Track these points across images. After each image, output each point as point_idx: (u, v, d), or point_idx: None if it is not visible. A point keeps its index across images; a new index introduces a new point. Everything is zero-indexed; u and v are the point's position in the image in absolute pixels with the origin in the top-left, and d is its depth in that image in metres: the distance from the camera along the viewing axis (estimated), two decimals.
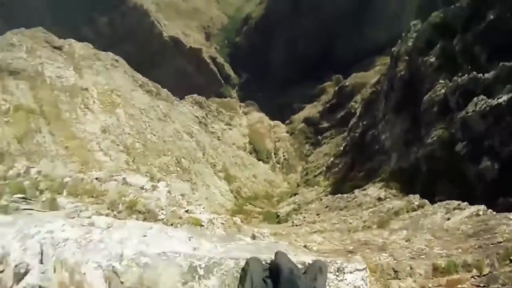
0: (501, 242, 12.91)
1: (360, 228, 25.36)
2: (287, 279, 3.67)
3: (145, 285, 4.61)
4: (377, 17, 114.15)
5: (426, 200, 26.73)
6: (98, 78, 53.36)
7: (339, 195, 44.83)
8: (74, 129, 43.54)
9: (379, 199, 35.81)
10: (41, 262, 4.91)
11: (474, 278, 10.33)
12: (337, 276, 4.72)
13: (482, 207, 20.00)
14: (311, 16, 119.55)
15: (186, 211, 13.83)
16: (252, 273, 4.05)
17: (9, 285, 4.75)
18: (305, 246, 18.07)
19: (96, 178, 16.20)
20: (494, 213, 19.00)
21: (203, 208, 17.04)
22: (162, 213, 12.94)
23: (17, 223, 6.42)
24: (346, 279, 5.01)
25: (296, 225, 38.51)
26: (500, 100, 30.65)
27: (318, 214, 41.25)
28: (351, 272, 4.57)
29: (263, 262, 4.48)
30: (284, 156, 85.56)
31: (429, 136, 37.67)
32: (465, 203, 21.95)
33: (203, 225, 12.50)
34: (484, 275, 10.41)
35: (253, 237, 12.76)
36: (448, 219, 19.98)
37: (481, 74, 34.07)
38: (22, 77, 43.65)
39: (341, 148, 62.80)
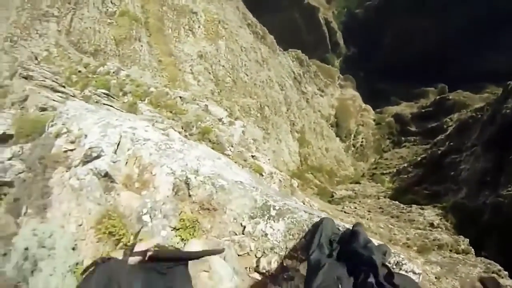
0: None
1: (401, 243, 24.96)
2: (362, 246, 3.67)
3: (212, 206, 4.70)
4: (506, 44, 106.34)
5: (472, 249, 25.76)
6: (210, 6, 53.74)
7: (397, 202, 43.87)
8: (172, 46, 44.43)
9: (432, 225, 34.74)
10: (115, 152, 5.22)
11: None
12: (393, 268, 4.49)
13: None
14: (439, 16, 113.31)
15: (252, 156, 14.09)
16: (323, 231, 4.04)
17: (74, 164, 5.11)
18: None
19: (180, 97, 16.83)
20: None
21: (268, 159, 17.21)
22: (230, 150, 13.27)
23: (100, 112, 6.86)
24: None
25: (345, 212, 38.34)
26: None
27: (369, 211, 40.74)
28: (406, 271, 4.42)
29: (336, 226, 4.43)
30: (362, 142, 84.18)
31: (506, 187, 35.41)
32: (506, 272, 21.04)
33: (262, 175, 12.64)
34: None
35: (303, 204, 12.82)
36: None
37: None
38: None
39: (418, 159, 60.61)
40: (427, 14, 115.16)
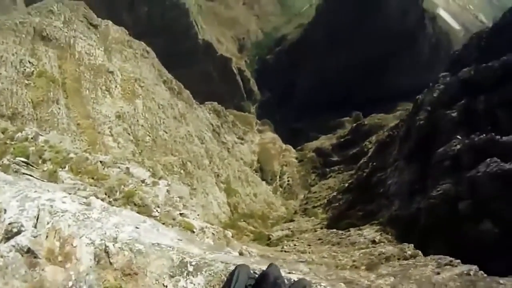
0: None
1: (348, 266, 25.15)
2: (272, 283, 3.78)
3: (133, 271, 4.73)
4: (409, 63, 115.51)
5: (419, 251, 26.44)
6: (126, 65, 53.75)
7: (334, 230, 44.35)
8: (90, 108, 43.63)
9: (373, 241, 35.43)
10: (35, 226, 5.03)
11: None
12: None
13: (474, 267, 19.49)
14: (344, 51, 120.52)
15: (181, 214, 13.86)
16: (238, 278, 4.07)
17: None
18: (289, 273, 17.93)
19: (101, 161, 16.37)
20: (485, 275, 18.55)
21: (198, 215, 17.06)
22: (157, 210, 12.99)
23: (18, 184, 6.64)
24: None
25: (286, 251, 38.27)
26: None
27: (309, 245, 40.90)
28: None
29: (251, 271, 4.49)
30: (288, 181, 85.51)
31: (434, 189, 36.84)
32: (458, 260, 21.56)
33: (194, 231, 12.44)
34: None
35: (241, 253, 12.76)
36: (438, 273, 19.62)
37: (499, 136, 33.52)
38: (52, 45, 44.04)
39: (346, 185, 62.21)
40: (334, 51, 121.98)
